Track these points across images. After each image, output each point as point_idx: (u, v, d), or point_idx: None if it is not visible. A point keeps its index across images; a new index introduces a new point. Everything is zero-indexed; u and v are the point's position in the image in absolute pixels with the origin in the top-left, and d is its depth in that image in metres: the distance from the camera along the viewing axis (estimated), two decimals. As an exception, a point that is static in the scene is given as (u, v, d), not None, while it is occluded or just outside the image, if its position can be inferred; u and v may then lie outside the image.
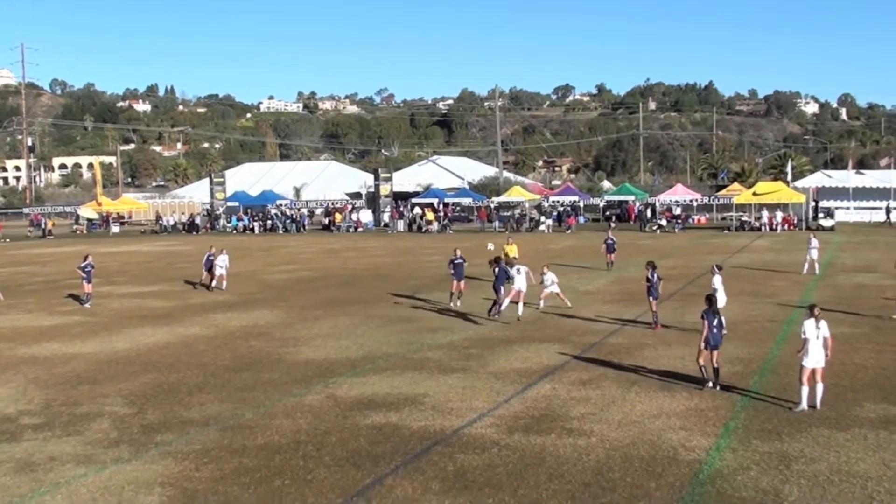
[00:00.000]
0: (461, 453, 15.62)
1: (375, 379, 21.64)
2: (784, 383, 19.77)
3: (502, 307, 29.65)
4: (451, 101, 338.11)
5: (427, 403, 19.07)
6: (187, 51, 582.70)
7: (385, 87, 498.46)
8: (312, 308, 34.34)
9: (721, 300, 26.40)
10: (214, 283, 40.19)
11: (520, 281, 30.04)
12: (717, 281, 26.98)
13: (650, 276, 27.97)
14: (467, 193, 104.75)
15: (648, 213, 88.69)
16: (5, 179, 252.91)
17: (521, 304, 29.80)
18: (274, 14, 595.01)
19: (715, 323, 19.52)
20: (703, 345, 19.41)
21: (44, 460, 15.96)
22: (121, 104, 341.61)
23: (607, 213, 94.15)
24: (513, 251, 40.38)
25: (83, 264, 36.68)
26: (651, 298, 27.98)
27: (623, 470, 14.61)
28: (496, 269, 29.80)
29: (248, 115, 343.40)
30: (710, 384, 19.47)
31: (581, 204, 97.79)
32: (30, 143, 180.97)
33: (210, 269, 40.59)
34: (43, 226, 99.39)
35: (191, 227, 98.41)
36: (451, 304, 33.02)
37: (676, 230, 79.39)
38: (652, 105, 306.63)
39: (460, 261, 33.31)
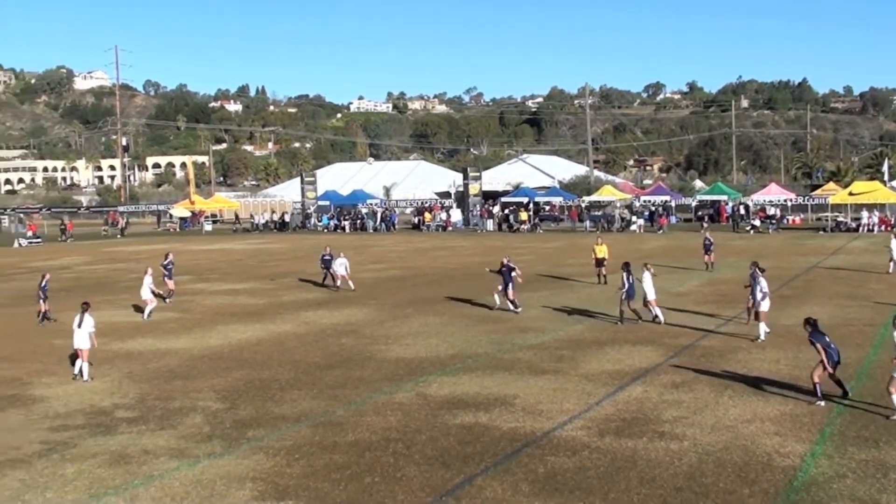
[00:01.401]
0: (551, 455, 15.51)
1: (465, 378, 21.60)
2: (881, 389, 19.23)
3: (653, 311, 29.18)
4: (540, 100, 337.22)
5: (517, 404, 18.97)
6: (278, 51, 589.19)
7: (474, 86, 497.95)
8: (402, 306, 34.42)
9: (766, 305, 25.86)
10: (339, 283, 40.00)
11: (649, 287, 29.50)
12: (765, 284, 26.21)
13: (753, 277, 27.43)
14: (557, 192, 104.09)
15: (742, 213, 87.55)
16: (100, 178, 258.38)
17: (656, 308, 29.29)
18: (364, 15, 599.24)
19: (827, 339, 18.79)
20: (827, 365, 18.60)
21: (138, 453, 16.20)
22: (213, 104, 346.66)
23: (699, 213, 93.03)
24: (602, 252, 39.97)
25: (165, 262, 37.18)
26: (752, 297, 27.41)
27: (716, 475, 14.37)
28: (625, 276, 29.16)
29: (339, 116, 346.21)
30: (823, 403, 18.53)
31: (673, 204, 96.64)
32: (124, 143, 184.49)
33: (328, 268, 40.61)
34: (124, 224, 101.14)
35: (282, 225, 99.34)
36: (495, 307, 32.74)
37: (770, 231, 78.18)
38: (745, 103, 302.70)
39: (505, 269, 32.83)
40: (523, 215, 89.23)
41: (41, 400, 20.61)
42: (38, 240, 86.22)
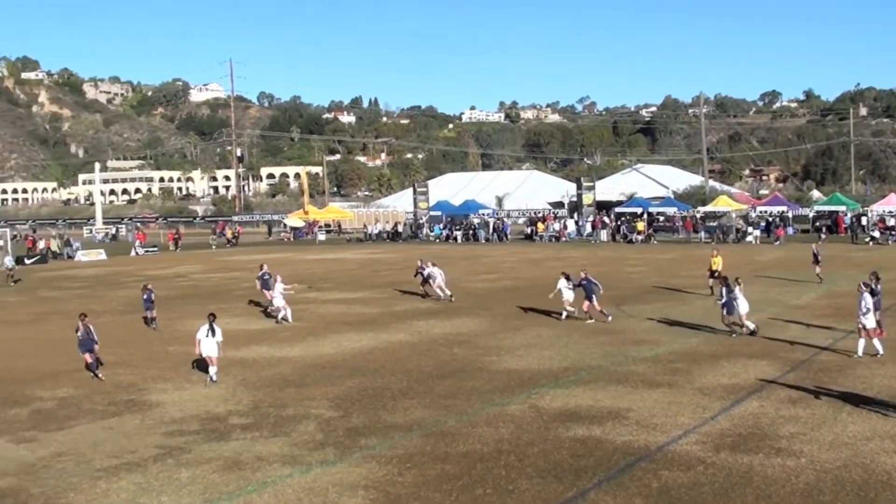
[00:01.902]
0: (665, 470, 15.30)
1: (578, 391, 21.43)
2: None
3: (745, 325, 28.87)
4: (654, 109, 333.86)
5: (631, 418, 18.77)
6: (390, 63, 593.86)
7: (587, 95, 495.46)
8: (514, 317, 34.31)
9: (869, 321, 25.03)
10: (439, 292, 40.13)
11: (742, 302, 29.04)
12: (869, 300, 25.28)
13: (873, 287, 26.71)
14: (672, 203, 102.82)
15: (862, 223, 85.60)
16: (216, 189, 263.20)
17: (748, 322, 28.94)
18: (475, 25, 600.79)
19: None
20: None
21: (251, 459, 16.41)
22: (326, 116, 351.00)
23: (817, 223, 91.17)
24: (717, 263, 39.39)
25: (260, 273, 37.87)
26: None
27: (834, 493, 14.04)
28: (723, 290, 29.01)
29: (451, 126, 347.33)
30: None
31: (790, 214, 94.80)
32: (239, 154, 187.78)
33: (425, 280, 40.75)
34: (235, 234, 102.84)
35: (394, 235, 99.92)
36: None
37: (890, 242, 76.32)
38: (863, 111, 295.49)
39: (585, 281, 32.78)
40: (640, 226, 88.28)
41: (157, 405, 21.04)
42: (155, 248, 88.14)
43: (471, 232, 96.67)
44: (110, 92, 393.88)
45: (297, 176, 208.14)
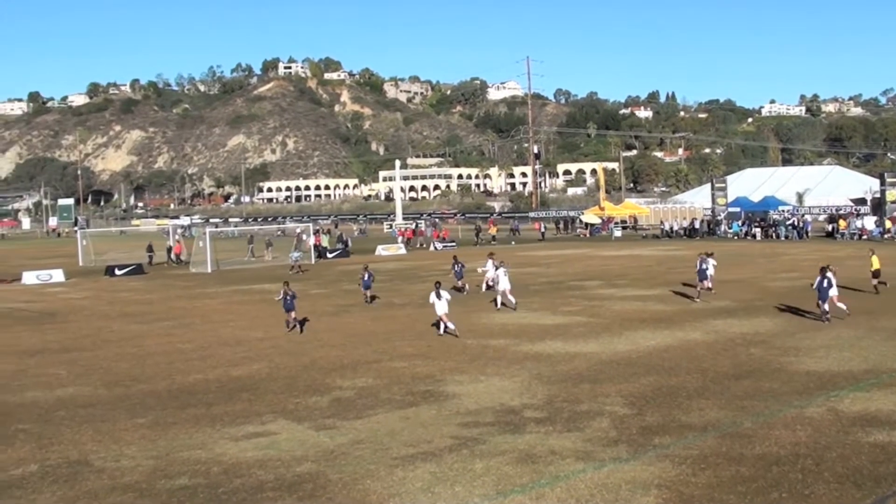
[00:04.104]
0: (974, 480, 14.55)
1: (879, 395, 20.56)
2: None
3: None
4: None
5: (936, 424, 17.91)
6: (688, 57, 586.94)
7: (891, 88, 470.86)
8: (814, 317, 33.25)
9: None
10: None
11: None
12: None
13: None
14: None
15: None
16: (512, 185, 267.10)
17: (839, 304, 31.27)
18: (773, 17, 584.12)
19: None
20: None
21: (544, 453, 16.62)
22: (622, 111, 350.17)
23: None
24: (875, 263, 38.90)
25: (455, 266, 42.39)
26: None
27: None
28: (819, 278, 31.32)
29: (750, 120, 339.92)
30: None
31: None
32: (535, 151, 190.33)
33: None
34: (515, 228, 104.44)
35: (691, 232, 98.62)
36: None
37: None
38: None
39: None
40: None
41: (453, 396, 21.60)
42: (453, 243, 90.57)
43: (770, 229, 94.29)
44: (410, 91, 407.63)
45: (594, 172, 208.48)
